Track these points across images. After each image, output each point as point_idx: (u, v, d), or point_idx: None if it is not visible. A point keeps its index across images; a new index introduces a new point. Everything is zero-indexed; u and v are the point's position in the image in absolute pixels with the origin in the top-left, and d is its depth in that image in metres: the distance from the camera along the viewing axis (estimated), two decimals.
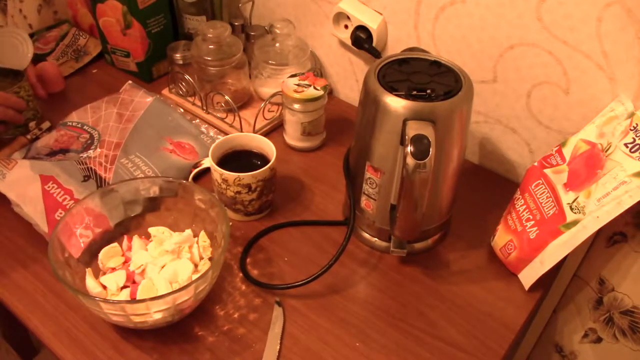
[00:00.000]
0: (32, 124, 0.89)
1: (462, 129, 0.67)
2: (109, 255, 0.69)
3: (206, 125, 0.93)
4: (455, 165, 0.70)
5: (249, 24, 1.05)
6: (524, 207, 0.71)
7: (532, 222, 0.70)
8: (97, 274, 0.68)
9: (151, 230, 0.72)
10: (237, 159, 0.79)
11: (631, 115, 0.67)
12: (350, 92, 1.03)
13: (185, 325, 0.66)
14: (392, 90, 0.64)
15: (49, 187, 0.75)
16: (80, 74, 1.07)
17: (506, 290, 0.72)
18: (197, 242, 0.70)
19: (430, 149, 0.60)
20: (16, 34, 0.91)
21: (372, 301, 0.70)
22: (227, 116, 0.94)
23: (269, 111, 0.95)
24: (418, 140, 0.60)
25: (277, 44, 0.94)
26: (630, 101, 0.70)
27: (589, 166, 0.66)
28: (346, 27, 0.94)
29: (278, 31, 0.93)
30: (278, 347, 0.64)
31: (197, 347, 0.64)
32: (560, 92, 0.77)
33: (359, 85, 1.01)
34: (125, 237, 0.71)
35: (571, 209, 0.66)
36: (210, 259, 0.69)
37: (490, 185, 0.87)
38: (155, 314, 0.61)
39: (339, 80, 1.03)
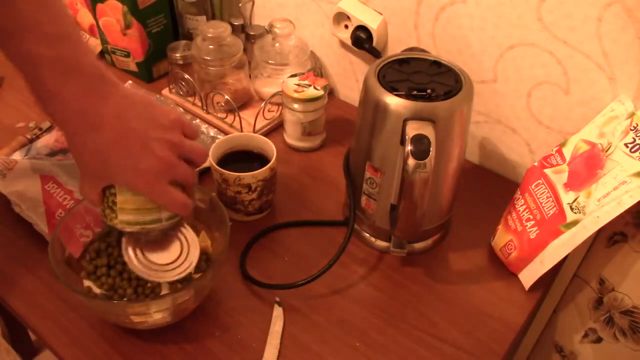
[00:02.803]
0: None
1: (462, 129, 0.67)
2: None
3: (206, 125, 0.93)
4: (455, 165, 0.70)
5: (249, 24, 1.05)
6: (524, 207, 0.71)
7: (532, 222, 0.70)
8: None
9: None
10: (237, 159, 0.79)
11: (631, 115, 0.67)
12: (350, 92, 1.03)
13: (185, 325, 0.66)
14: (392, 90, 0.64)
15: (49, 187, 0.75)
16: None
17: (506, 290, 0.72)
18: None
19: (431, 149, 0.60)
20: None
21: (372, 301, 0.70)
22: (227, 116, 0.94)
23: (269, 111, 0.94)
24: (418, 140, 0.60)
25: (277, 44, 0.94)
26: (631, 101, 0.70)
27: (589, 166, 0.66)
28: (346, 27, 0.94)
29: (278, 31, 0.93)
30: (278, 347, 0.64)
31: (197, 347, 0.64)
32: (560, 92, 0.77)
33: (359, 85, 1.01)
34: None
35: (571, 209, 0.66)
36: (210, 259, 0.69)
37: (490, 185, 0.87)
38: (155, 314, 0.61)
39: (339, 80, 1.03)
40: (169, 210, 0.58)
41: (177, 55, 0.97)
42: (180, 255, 0.62)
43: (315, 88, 0.86)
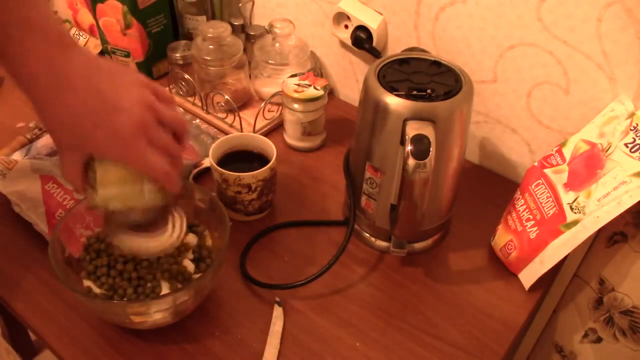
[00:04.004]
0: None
1: (462, 129, 0.67)
2: None
3: (206, 125, 0.93)
4: (455, 165, 0.70)
5: (249, 24, 1.05)
6: (524, 207, 0.71)
7: (532, 222, 0.70)
8: None
9: None
10: (237, 159, 0.79)
11: (631, 115, 0.67)
12: (350, 92, 1.03)
13: (185, 325, 0.66)
14: (392, 90, 0.64)
15: (49, 187, 0.75)
16: None
17: (506, 290, 0.72)
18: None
19: (431, 149, 0.60)
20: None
21: (372, 301, 0.70)
22: (227, 116, 0.94)
23: (269, 111, 0.95)
24: (418, 140, 0.60)
25: (277, 44, 0.94)
26: (630, 101, 0.70)
27: (589, 166, 0.67)
28: (346, 27, 0.94)
29: (278, 31, 0.93)
30: (278, 347, 0.64)
31: (197, 347, 0.64)
32: (560, 92, 0.77)
33: (359, 85, 1.01)
34: None
35: (571, 209, 0.66)
36: (210, 258, 0.69)
37: (490, 185, 0.87)
38: (155, 314, 0.61)
39: (339, 80, 1.03)
40: (150, 175, 0.55)
41: (177, 55, 0.97)
42: (173, 230, 0.61)
43: (315, 88, 0.86)
